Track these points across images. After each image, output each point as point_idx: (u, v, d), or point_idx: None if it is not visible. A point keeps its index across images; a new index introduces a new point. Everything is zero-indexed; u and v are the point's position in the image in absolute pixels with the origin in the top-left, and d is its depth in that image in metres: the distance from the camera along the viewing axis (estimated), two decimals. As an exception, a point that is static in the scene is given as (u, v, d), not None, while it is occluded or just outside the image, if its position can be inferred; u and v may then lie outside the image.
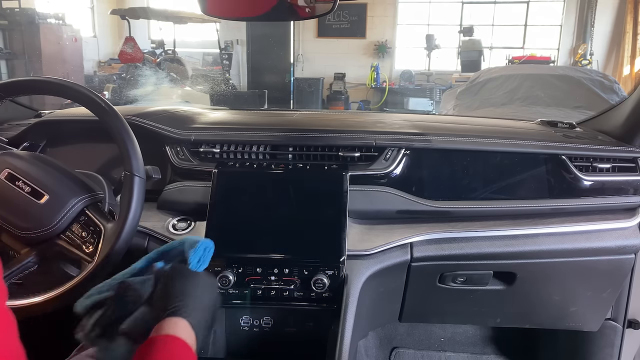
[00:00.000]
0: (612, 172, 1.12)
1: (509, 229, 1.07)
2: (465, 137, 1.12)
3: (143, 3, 9.40)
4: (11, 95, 0.94)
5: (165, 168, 1.13)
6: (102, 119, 0.90)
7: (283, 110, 1.80)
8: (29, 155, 0.93)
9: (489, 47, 8.76)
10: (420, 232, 1.05)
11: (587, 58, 7.94)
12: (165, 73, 6.71)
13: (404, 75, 8.78)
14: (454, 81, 7.82)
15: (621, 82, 6.84)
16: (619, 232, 1.09)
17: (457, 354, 1.62)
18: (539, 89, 4.11)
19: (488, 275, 1.10)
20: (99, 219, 0.88)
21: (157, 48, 7.46)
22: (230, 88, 7.60)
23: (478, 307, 1.19)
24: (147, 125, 1.14)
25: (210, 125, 1.19)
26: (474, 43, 6.90)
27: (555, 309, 1.19)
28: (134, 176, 0.87)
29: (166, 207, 1.12)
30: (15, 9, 7.18)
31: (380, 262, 1.02)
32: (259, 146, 1.11)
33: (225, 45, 8.72)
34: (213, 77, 7.71)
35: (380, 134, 1.12)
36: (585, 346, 1.33)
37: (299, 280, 0.98)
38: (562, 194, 1.11)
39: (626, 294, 1.19)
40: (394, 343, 1.64)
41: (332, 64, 8.97)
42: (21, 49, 7.18)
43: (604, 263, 1.10)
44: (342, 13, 8.87)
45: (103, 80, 8.07)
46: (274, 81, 8.60)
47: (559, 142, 1.12)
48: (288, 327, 1.06)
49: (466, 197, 1.10)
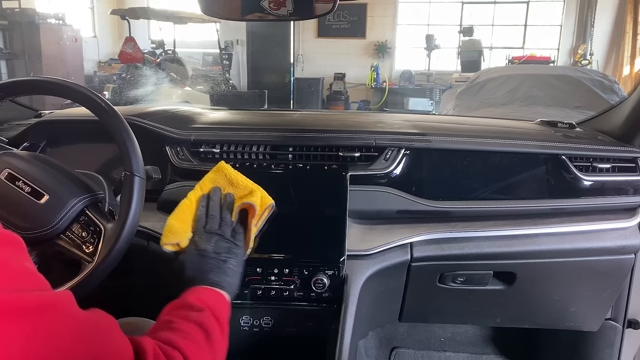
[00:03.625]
0: (612, 172, 1.12)
1: (509, 229, 1.07)
2: (465, 137, 1.12)
3: (143, 3, 9.40)
4: (11, 95, 0.94)
5: (165, 168, 1.13)
6: (102, 119, 0.89)
7: (283, 110, 1.80)
8: (29, 155, 0.93)
9: (489, 47, 8.76)
10: (420, 232, 1.05)
11: (587, 58, 7.94)
12: (165, 73, 6.70)
13: (404, 75, 8.78)
14: (454, 81, 7.82)
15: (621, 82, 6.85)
16: (619, 232, 1.09)
17: (457, 354, 1.62)
18: (539, 89, 4.11)
19: (488, 275, 1.10)
20: (99, 219, 0.88)
21: (157, 48, 7.46)
22: (230, 88, 7.60)
23: (478, 307, 1.19)
24: (147, 125, 1.15)
25: (210, 125, 1.19)
26: (474, 43, 6.89)
27: (555, 309, 1.19)
28: (134, 176, 0.87)
29: (166, 207, 1.11)
30: (15, 9, 7.17)
31: (380, 262, 1.02)
32: (259, 146, 1.11)
33: (225, 45, 8.72)
34: (213, 77, 7.71)
35: (380, 134, 1.12)
36: (585, 346, 1.33)
37: (299, 280, 0.98)
38: (562, 194, 1.11)
39: (626, 294, 1.19)
40: (394, 343, 1.64)
41: (332, 64, 8.97)
42: (21, 49, 7.18)
43: (603, 263, 1.10)
44: (342, 13, 8.87)
45: (103, 80, 8.07)
46: (274, 81, 8.60)
47: (559, 142, 1.12)
48: (288, 327, 1.06)
49: (466, 197, 1.10)
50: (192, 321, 0.72)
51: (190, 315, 0.73)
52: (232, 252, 0.86)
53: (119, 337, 0.55)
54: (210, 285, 0.80)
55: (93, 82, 8.34)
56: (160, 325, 0.72)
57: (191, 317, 0.72)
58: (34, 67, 7.11)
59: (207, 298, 0.78)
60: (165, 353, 0.62)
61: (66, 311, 0.46)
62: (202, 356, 0.69)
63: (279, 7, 0.92)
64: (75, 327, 0.47)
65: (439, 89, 8.06)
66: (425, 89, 8.36)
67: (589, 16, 8.06)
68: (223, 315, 0.77)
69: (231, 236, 0.88)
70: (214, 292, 0.80)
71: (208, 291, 0.79)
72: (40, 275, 0.46)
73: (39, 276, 0.46)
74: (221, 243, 0.85)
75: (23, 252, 0.45)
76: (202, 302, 0.76)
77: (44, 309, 0.43)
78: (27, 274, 0.44)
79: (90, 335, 0.49)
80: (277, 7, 0.92)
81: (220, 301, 0.79)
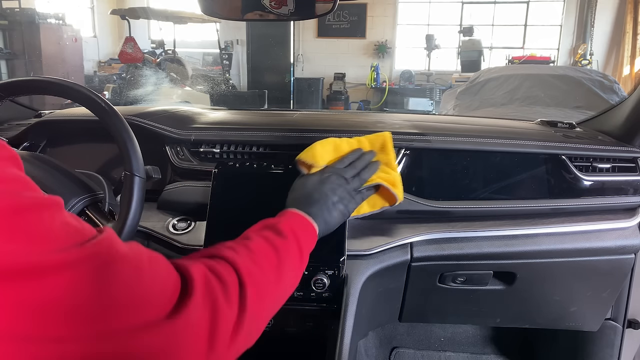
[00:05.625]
0: (612, 172, 1.12)
1: (509, 229, 1.07)
2: (465, 137, 1.12)
3: (143, 3, 9.41)
4: (11, 95, 0.94)
5: (165, 168, 1.13)
6: (102, 119, 0.89)
7: (283, 110, 1.79)
8: (29, 155, 0.93)
9: (489, 47, 8.77)
10: (420, 232, 1.05)
11: (587, 58, 7.95)
12: (165, 73, 6.71)
13: (404, 75, 8.79)
14: (454, 81, 7.83)
15: (621, 82, 6.86)
16: (619, 232, 1.09)
17: (457, 354, 1.62)
18: (539, 89, 4.11)
19: (488, 275, 1.10)
20: (99, 219, 0.88)
21: (157, 48, 7.47)
22: (230, 88, 7.60)
23: (478, 307, 1.19)
24: (147, 125, 1.15)
25: (210, 125, 1.19)
26: (474, 43, 6.90)
27: (555, 308, 1.19)
28: (134, 176, 0.87)
29: (166, 207, 1.12)
30: (15, 9, 7.18)
31: (380, 262, 1.02)
32: (259, 146, 1.11)
33: (225, 45, 8.73)
34: (213, 77, 7.72)
35: (380, 134, 1.12)
36: (585, 346, 1.33)
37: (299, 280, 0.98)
38: (562, 193, 1.11)
39: (626, 294, 1.19)
40: (394, 343, 1.64)
41: (332, 64, 8.98)
42: (21, 49, 7.19)
43: (603, 263, 1.10)
44: (342, 13, 8.88)
45: (103, 80, 8.08)
46: (274, 81, 8.60)
47: (559, 142, 1.12)
48: (288, 327, 1.06)
49: (466, 197, 1.10)
50: (270, 244, 0.69)
51: (271, 237, 0.70)
52: (345, 203, 0.86)
53: (162, 269, 0.52)
54: (309, 215, 0.79)
55: (93, 82, 8.35)
56: (238, 240, 0.69)
57: (271, 240, 0.69)
58: (34, 67, 7.12)
59: (298, 228, 0.76)
60: (220, 276, 0.57)
61: (109, 257, 0.45)
62: (264, 286, 0.63)
63: (280, 5, 0.92)
64: (119, 270, 0.45)
65: (439, 89, 8.07)
66: (425, 89, 8.37)
67: (589, 16, 8.06)
68: (306, 249, 0.75)
69: (355, 192, 0.89)
70: (308, 224, 0.78)
71: (302, 221, 0.78)
72: (84, 226, 0.46)
73: (82, 228, 0.45)
74: (343, 189, 0.87)
75: (62, 210, 0.44)
76: (291, 230, 0.74)
77: (89, 260, 0.43)
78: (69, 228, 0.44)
79: (135, 273, 0.47)
80: (279, 5, 0.92)
81: (310, 235, 0.77)
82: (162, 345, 0.47)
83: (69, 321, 0.40)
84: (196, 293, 0.52)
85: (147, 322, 0.46)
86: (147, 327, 0.46)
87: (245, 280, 0.59)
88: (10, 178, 0.41)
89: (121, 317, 0.44)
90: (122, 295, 0.45)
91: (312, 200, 0.83)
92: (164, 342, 0.47)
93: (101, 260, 0.44)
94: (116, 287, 0.44)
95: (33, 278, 0.38)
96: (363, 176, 0.91)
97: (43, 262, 0.39)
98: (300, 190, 0.86)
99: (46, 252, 0.40)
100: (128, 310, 0.45)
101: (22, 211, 0.40)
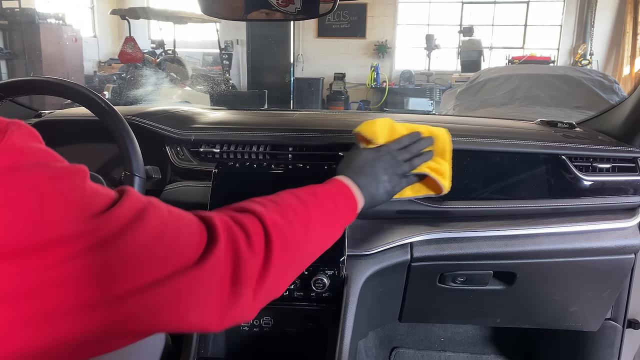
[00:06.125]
0: (612, 172, 1.12)
1: (509, 229, 1.07)
2: (465, 137, 1.12)
3: (143, 3, 9.41)
4: (11, 95, 0.94)
5: (165, 168, 1.13)
6: (102, 119, 0.89)
7: (283, 110, 1.79)
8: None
9: (489, 47, 8.77)
10: (420, 232, 1.05)
11: (587, 58, 7.95)
12: (165, 73, 6.71)
13: (404, 75, 8.79)
14: (454, 81, 7.82)
15: (621, 82, 6.86)
16: (619, 232, 1.09)
17: (457, 354, 1.62)
18: (539, 89, 4.11)
19: (488, 275, 1.10)
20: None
21: (157, 48, 7.47)
22: (230, 88, 7.60)
23: (478, 307, 1.19)
24: (147, 125, 1.14)
25: (210, 125, 1.19)
26: (474, 43, 6.90)
27: (555, 309, 1.19)
28: (134, 176, 0.87)
29: (166, 207, 1.11)
30: (15, 9, 7.18)
31: (380, 262, 1.02)
32: (259, 146, 1.11)
33: (225, 45, 8.73)
34: (213, 77, 7.72)
35: (380, 134, 1.12)
36: (585, 346, 1.33)
37: (299, 280, 0.98)
38: (562, 193, 1.11)
39: (626, 294, 1.19)
40: (394, 343, 1.64)
41: (332, 64, 8.98)
42: (21, 49, 7.19)
43: (603, 263, 1.10)
44: (342, 13, 8.88)
45: (103, 80, 8.07)
46: (274, 81, 8.60)
47: (559, 142, 1.12)
48: (288, 327, 1.06)
49: (466, 197, 1.10)
50: (301, 202, 0.67)
51: (303, 196, 0.69)
52: (393, 184, 0.87)
53: (186, 220, 0.53)
54: (358, 185, 0.80)
55: (93, 82, 8.35)
56: (268, 196, 0.68)
57: (303, 198, 0.68)
58: (34, 67, 7.12)
59: (338, 194, 0.76)
60: (243, 226, 0.57)
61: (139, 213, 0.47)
62: (291, 238, 0.62)
63: (287, 3, 0.91)
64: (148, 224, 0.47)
65: (439, 89, 8.07)
66: (425, 89, 8.37)
67: (589, 16, 8.06)
68: (343, 216, 0.75)
69: (402, 174, 0.90)
70: (349, 194, 0.78)
71: (344, 190, 0.78)
72: (108, 190, 0.47)
73: (108, 192, 0.47)
74: (393, 171, 0.88)
75: (88, 177, 0.46)
76: (329, 194, 0.74)
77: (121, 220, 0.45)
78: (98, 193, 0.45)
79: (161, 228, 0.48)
80: (286, 3, 0.91)
81: (349, 204, 0.77)
82: (187, 292, 0.48)
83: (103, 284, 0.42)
84: (220, 241, 0.53)
85: (175, 270, 0.47)
86: (174, 275, 0.47)
87: (270, 231, 0.59)
88: (37, 151, 0.43)
89: (151, 270, 0.46)
90: (152, 249, 0.46)
91: (365, 173, 0.84)
92: (189, 288, 0.49)
93: (131, 218, 0.45)
94: (146, 241, 0.46)
95: (79, 243, 0.41)
96: (414, 162, 0.92)
97: (83, 229, 0.41)
98: (356, 161, 0.87)
99: (84, 218, 0.42)
100: (155, 263, 0.46)
101: (55, 179, 0.42)
